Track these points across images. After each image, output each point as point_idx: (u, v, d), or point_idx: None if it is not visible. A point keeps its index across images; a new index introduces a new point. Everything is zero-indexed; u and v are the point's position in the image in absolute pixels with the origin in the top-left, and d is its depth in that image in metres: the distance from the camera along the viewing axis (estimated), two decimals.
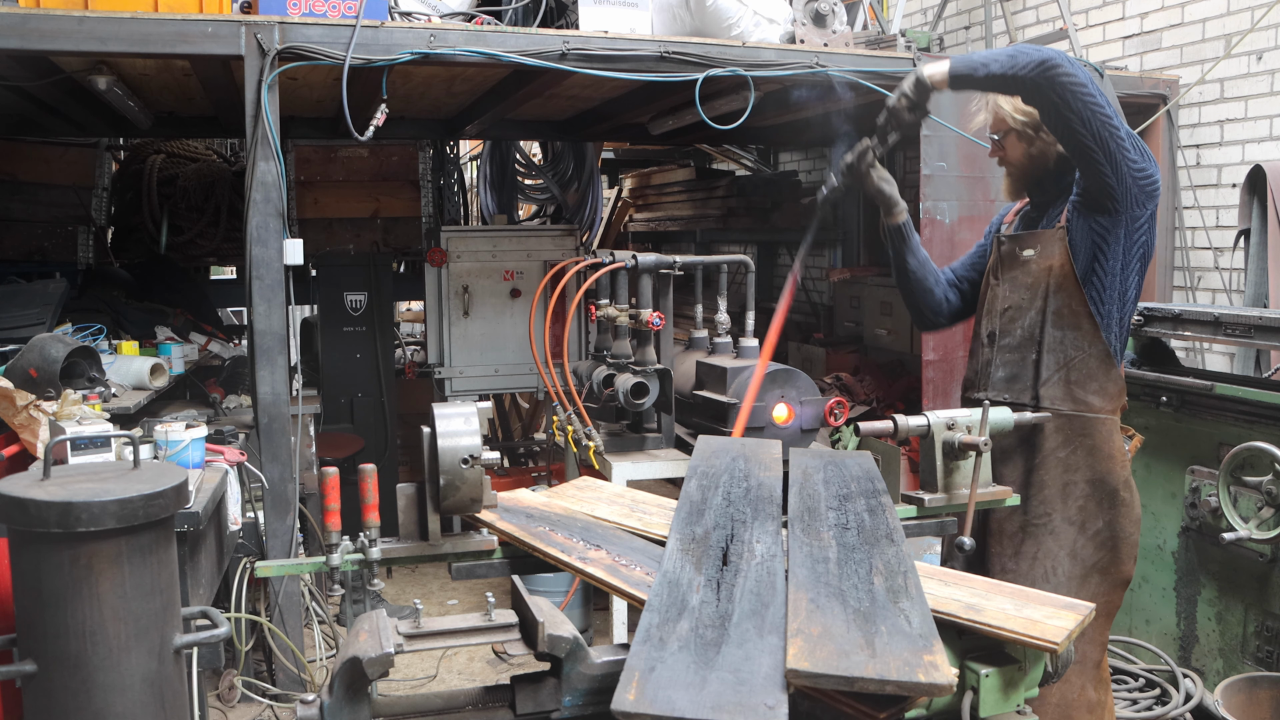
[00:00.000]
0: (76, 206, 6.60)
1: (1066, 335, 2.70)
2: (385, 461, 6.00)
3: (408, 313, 9.47)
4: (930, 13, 6.68)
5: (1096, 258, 2.66)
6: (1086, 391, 2.70)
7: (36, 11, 3.58)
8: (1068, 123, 2.49)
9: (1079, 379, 2.70)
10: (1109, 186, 2.55)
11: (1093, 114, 2.46)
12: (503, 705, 1.97)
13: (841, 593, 1.82)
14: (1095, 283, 2.67)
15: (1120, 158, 2.51)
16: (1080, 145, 2.52)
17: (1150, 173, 2.58)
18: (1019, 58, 2.49)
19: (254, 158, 3.76)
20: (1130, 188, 2.56)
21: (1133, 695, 3.59)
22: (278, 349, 3.85)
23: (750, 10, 4.36)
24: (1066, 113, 2.47)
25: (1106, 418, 2.71)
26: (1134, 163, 2.54)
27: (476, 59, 3.95)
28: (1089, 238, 2.65)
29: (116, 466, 2.54)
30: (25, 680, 2.13)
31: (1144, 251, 2.69)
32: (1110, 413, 2.72)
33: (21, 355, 3.76)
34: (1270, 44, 4.54)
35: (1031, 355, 2.76)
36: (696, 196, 8.35)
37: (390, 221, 6.97)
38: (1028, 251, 2.79)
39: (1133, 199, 2.57)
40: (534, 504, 2.55)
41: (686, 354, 4.65)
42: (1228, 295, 4.78)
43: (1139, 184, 2.56)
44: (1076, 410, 2.70)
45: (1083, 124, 2.47)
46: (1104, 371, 2.69)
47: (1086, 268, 2.67)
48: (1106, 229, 2.63)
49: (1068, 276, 2.70)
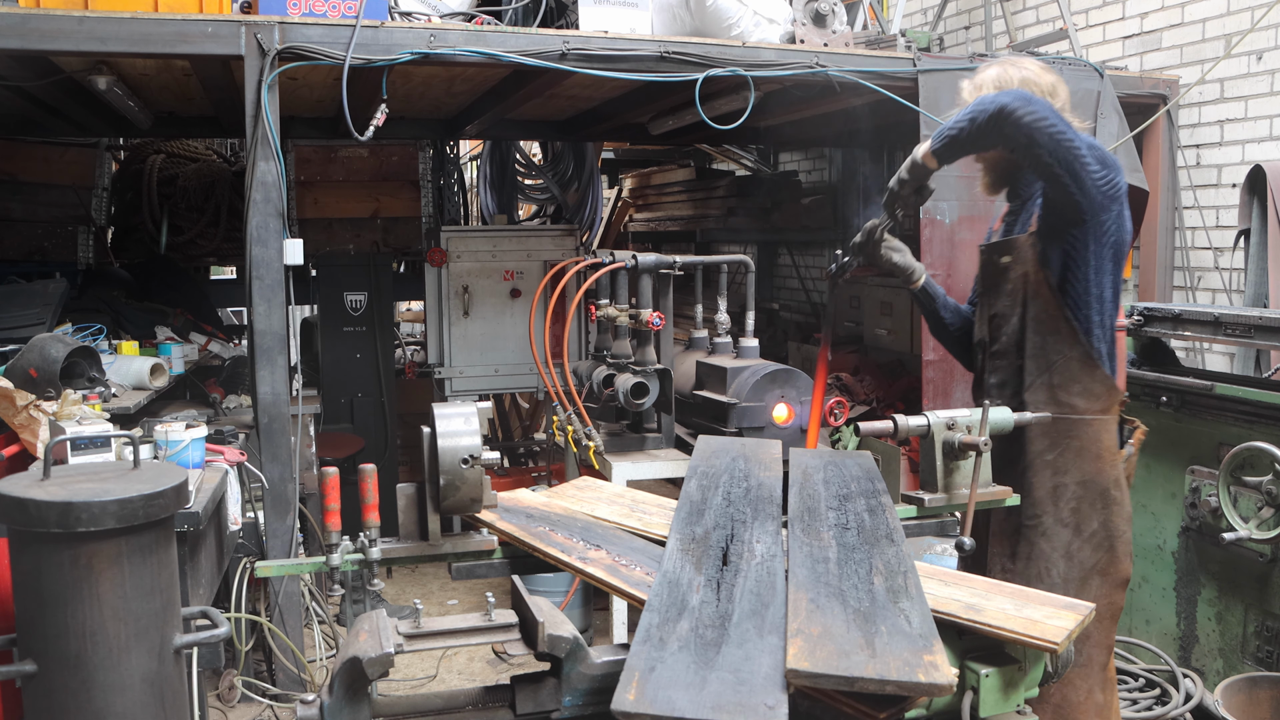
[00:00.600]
0: (76, 206, 6.60)
1: (1046, 340, 2.74)
2: (385, 461, 6.00)
3: (408, 313, 9.47)
4: (930, 13, 6.68)
5: (1068, 264, 2.70)
6: (1070, 394, 2.71)
7: (36, 11, 3.58)
8: (1037, 156, 2.57)
9: (1061, 382, 2.72)
10: (1075, 201, 2.61)
11: (1056, 143, 2.53)
12: (503, 705, 1.97)
13: (841, 593, 1.82)
14: (1070, 288, 2.71)
15: (1084, 174, 2.57)
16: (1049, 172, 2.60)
17: (1112, 178, 2.63)
18: (978, 117, 2.56)
19: (254, 158, 3.76)
20: (1095, 197, 2.61)
21: (1133, 695, 3.59)
22: (278, 349, 3.85)
23: (750, 10, 4.36)
24: (1035, 149, 2.55)
25: (1093, 419, 2.73)
26: (1095, 173, 2.59)
27: (476, 59, 3.95)
28: (1059, 244, 2.70)
29: (116, 466, 2.54)
30: (25, 680, 2.13)
31: (1116, 251, 2.73)
32: (1098, 413, 2.73)
33: (21, 355, 3.76)
34: (1270, 44, 4.54)
35: (1017, 361, 2.80)
36: (696, 196, 8.35)
37: (390, 221, 6.97)
38: (1005, 259, 2.83)
39: (1098, 206, 2.63)
40: (534, 504, 2.55)
41: (686, 354, 4.65)
42: (1228, 295, 4.78)
43: (1102, 191, 2.61)
44: (1061, 413, 2.72)
45: (1049, 154, 2.54)
46: (1087, 373, 2.71)
47: (1060, 273, 2.71)
48: (1076, 236, 2.67)
49: (1042, 283, 2.74)
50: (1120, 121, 4.66)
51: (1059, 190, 2.62)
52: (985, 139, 2.61)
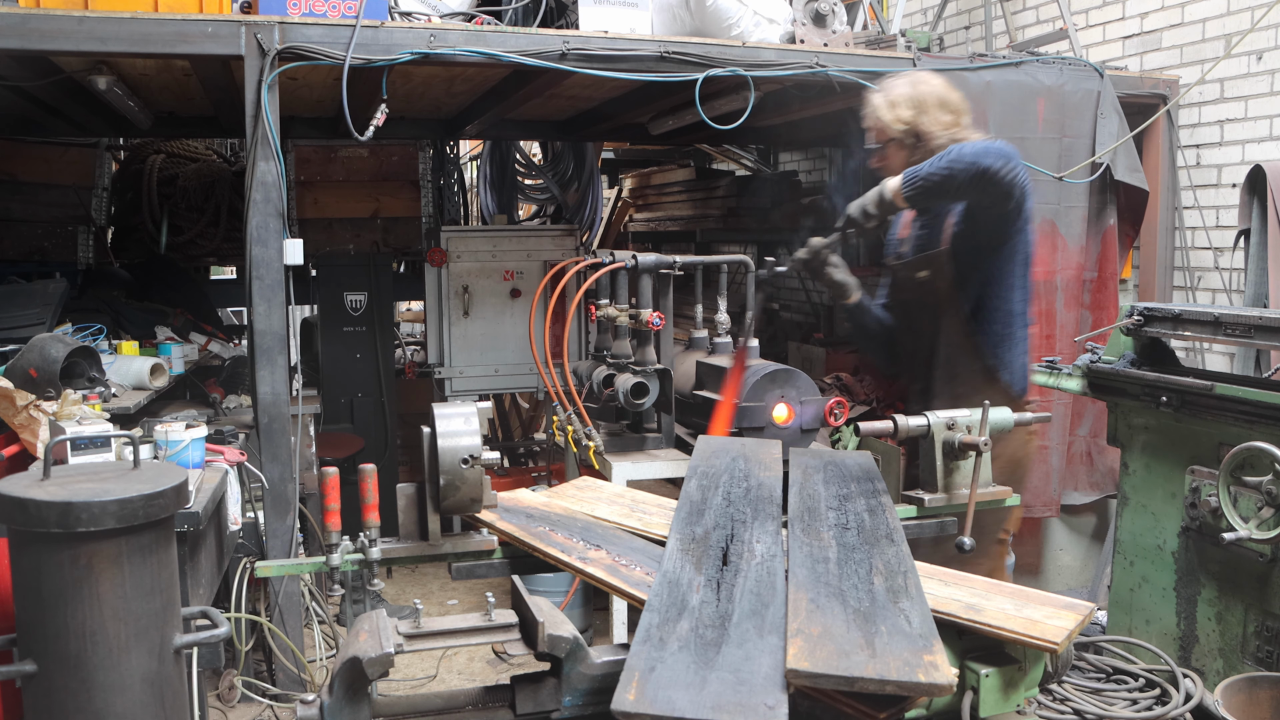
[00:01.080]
0: (76, 206, 6.60)
1: (953, 354, 2.92)
2: (385, 461, 6.00)
3: (408, 313, 9.47)
4: (930, 13, 6.68)
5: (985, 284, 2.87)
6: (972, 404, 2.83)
7: (36, 11, 3.58)
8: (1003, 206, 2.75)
9: (963, 392, 2.89)
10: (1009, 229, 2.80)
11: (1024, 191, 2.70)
12: (503, 705, 1.98)
13: (841, 593, 1.82)
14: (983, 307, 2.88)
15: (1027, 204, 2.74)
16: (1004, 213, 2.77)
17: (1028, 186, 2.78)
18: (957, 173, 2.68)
19: (254, 158, 3.76)
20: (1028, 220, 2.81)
21: (1133, 695, 3.58)
22: (278, 349, 3.85)
23: (750, 10, 4.35)
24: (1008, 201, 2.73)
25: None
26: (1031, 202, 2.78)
27: (476, 59, 3.95)
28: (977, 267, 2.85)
29: (116, 466, 2.54)
30: (25, 680, 2.13)
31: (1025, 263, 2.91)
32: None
33: (21, 355, 3.76)
34: (1270, 44, 4.53)
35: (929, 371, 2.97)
36: (696, 196, 8.35)
37: (390, 221, 6.97)
38: (922, 273, 2.96)
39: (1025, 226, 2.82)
40: (534, 504, 2.55)
41: (686, 354, 4.65)
42: (1228, 295, 4.78)
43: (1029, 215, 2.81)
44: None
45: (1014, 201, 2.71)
46: (988, 385, 2.89)
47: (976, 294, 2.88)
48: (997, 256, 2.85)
49: (954, 301, 2.89)
50: (1120, 121, 4.66)
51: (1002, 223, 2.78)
52: (963, 193, 2.73)
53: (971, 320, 2.88)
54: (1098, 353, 3.77)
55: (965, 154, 2.69)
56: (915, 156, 2.91)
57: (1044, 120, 4.58)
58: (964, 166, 2.66)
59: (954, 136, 2.89)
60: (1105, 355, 3.73)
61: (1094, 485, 4.90)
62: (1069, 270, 4.70)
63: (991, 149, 2.69)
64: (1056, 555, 5.02)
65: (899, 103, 2.94)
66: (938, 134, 2.89)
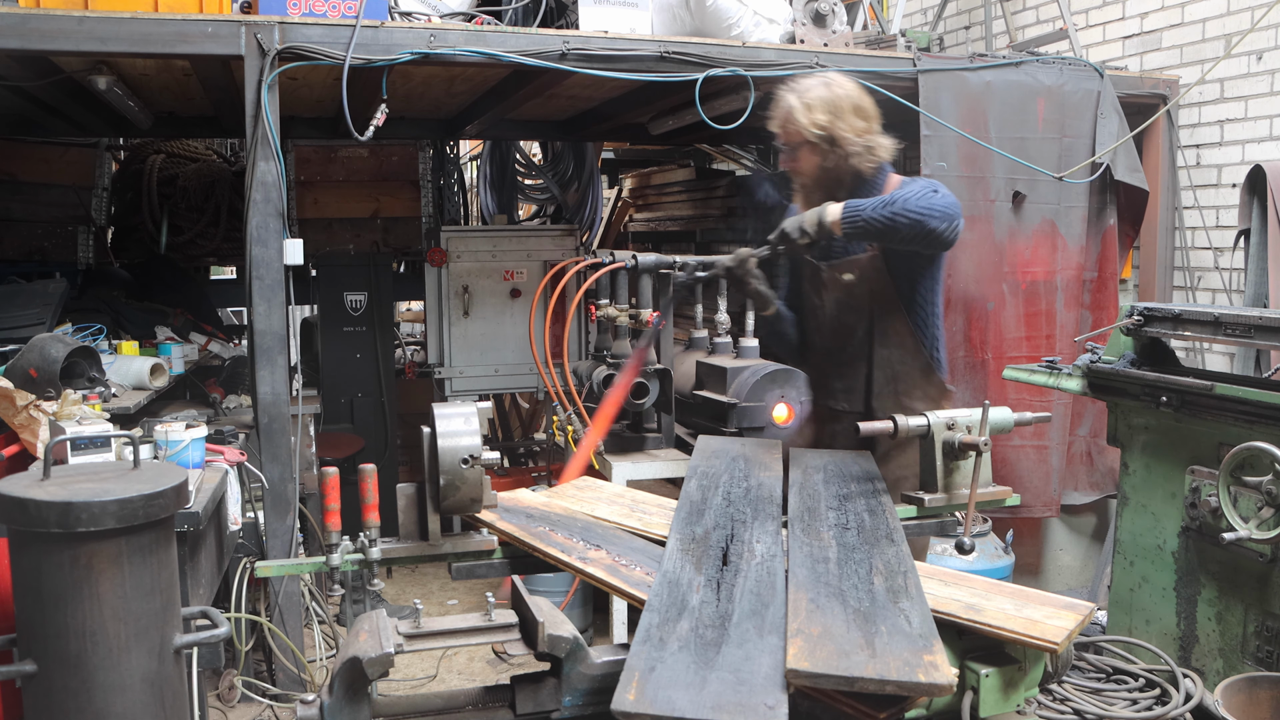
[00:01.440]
0: (76, 206, 6.60)
1: (893, 353, 2.98)
2: (385, 461, 6.00)
3: (408, 313, 9.46)
4: (930, 13, 6.68)
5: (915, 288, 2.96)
6: (912, 399, 2.96)
7: (36, 11, 3.58)
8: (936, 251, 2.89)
9: (905, 389, 2.98)
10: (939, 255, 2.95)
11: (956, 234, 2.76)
12: (503, 705, 1.98)
13: (841, 593, 1.82)
14: (917, 307, 2.97)
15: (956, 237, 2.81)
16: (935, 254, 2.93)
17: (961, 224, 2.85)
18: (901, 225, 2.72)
19: (254, 158, 3.76)
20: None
21: (1133, 695, 3.58)
22: (278, 349, 3.85)
23: (750, 10, 4.36)
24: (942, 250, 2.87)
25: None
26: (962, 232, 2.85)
27: (476, 59, 3.95)
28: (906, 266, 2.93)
29: (116, 466, 2.54)
30: (25, 680, 2.13)
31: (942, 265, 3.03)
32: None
33: (21, 355, 3.76)
34: (1270, 44, 4.53)
35: (863, 370, 3.02)
36: (696, 196, 8.34)
37: (390, 221, 6.97)
38: (847, 276, 3.00)
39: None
40: (534, 504, 2.55)
41: (686, 354, 4.65)
42: (1228, 295, 4.78)
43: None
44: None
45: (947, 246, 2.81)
46: (926, 379, 3.00)
47: (909, 297, 2.96)
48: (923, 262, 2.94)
49: (890, 300, 2.96)
50: (1120, 121, 4.66)
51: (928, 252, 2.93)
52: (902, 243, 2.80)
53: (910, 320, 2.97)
54: (1098, 353, 3.77)
55: (910, 207, 2.68)
56: (828, 162, 2.92)
57: (1044, 120, 4.58)
58: (908, 222, 2.68)
59: (867, 143, 2.90)
60: (1105, 355, 3.73)
61: (1094, 485, 4.90)
62: (1069, 270, 4.70)
63: (935, 207, 2.69)
64: (1056, 555, 5.02)
65: (815, 106, 2.90)
66: (852, 139, 2.88)
